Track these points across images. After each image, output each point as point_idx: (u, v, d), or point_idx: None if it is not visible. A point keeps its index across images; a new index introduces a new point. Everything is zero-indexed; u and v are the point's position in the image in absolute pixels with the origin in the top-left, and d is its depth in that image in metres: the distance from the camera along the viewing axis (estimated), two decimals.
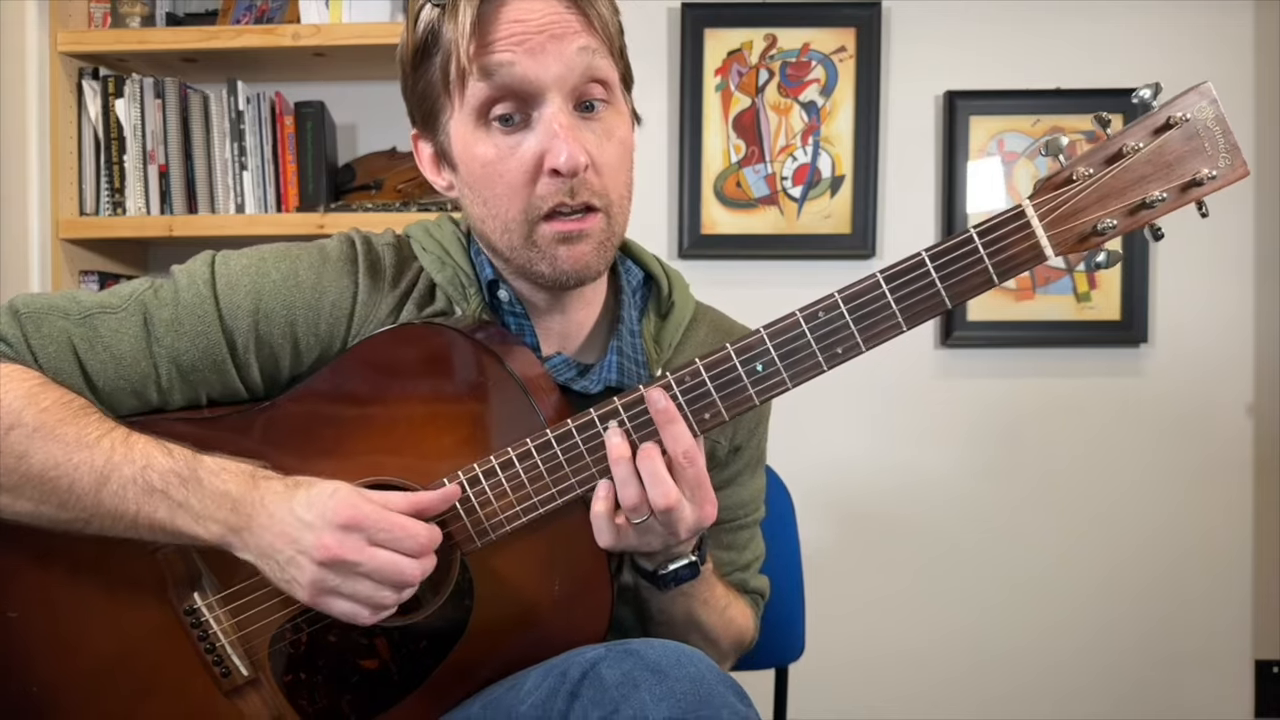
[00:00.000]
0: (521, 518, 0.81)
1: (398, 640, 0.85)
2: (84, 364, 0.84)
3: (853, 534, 2.16)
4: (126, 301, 0.86)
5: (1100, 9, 2.11)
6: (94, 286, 1.98)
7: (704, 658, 0.74)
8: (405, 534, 0.76)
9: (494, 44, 0.80)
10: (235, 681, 0.85)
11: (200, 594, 0.85)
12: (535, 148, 0.81)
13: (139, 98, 1.92)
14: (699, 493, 0.78)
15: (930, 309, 0.76)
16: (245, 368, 0.87)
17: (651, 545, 0.81)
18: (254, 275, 0.87)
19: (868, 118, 2.11)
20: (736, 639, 0.98)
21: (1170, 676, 2.16)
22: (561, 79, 0.81)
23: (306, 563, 0.76)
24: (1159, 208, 0.75)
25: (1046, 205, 0.75)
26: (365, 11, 1.90)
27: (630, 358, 0.92)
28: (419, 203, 1.94)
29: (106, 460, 0.79)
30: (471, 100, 0.82)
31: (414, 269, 0.92)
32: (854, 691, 2.16)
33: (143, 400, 0.87)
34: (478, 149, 0.83)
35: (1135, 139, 0.74)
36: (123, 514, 0.79)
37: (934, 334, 2.15)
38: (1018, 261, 0.75)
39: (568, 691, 0.72)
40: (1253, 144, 2.12)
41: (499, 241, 0.86)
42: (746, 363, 0.78)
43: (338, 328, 0.88)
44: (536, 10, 0.80)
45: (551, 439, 0.80)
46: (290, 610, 0.84)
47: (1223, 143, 0.74)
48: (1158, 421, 2.14)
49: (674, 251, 2.13)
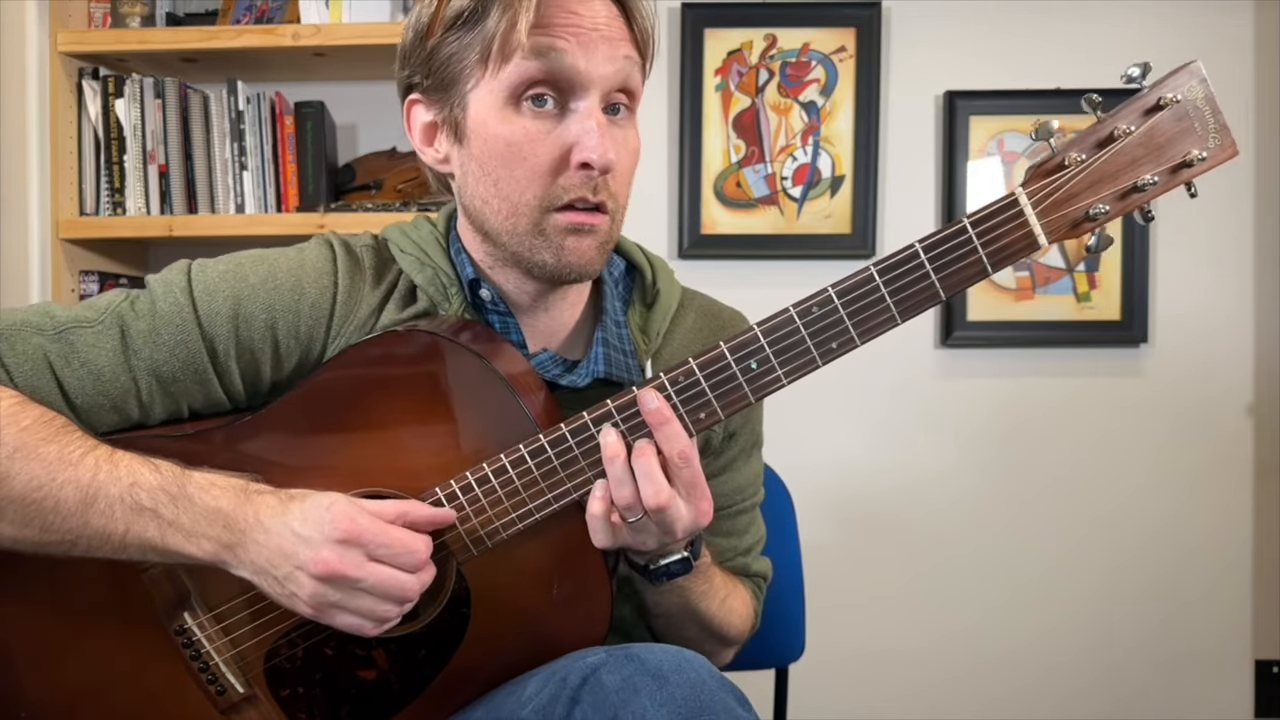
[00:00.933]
0: (517, 524, 0.80)
1: (396, 650, 0.83)
2: (61, 380, 0.82)
3: (852, 534, 2.16)
4: (102, 315, 0.84)
5: (1100, 9, 2.11)
6: (94, 287, 1.98)
7: (705, 663, 0.73)
8: (404, 549, 0.75)
9: (552, 27, 0.80)
10: (231, 699, 0.84)
11: (190, 613, 0.83)
12: (568, 138, 0.81)
13: (139, 98, 1.92)
14: (694, 492, 0.77)
15: (925, 301, 0.75)
16: (226, 374, 0.86)
17: (647, 545, 0.80)
18: (231, 280, 0.85)
19: (868, 118, 2.11)
20: (739, 627, 0.97)
21: (1170, 676, 2.16)
22: (606, 79, 0.82)
23: (305, 579, 0.74)
24: (1150, 191, 0.74)
25: (1040, 193, 0.74)
26: (365, 11, 1.90)
27: (617, 348, 0.91)
28: (419, 203, 1.94)
29: (92, 479, 0.76)
30: (512, 76, 0.81)
31: (394, 270, 0.91)
32: (854, 692, 2.16)
33: (123, 415, 0.85)
34: (503, 127, 0.82)
35: (1126, 121, 0.73)
36: (110, 534, 0.77)
37: (934, 334, 2.16)
38: (1011, 250, 0.75)
39: (568, 697, 0.72)
40: (1253, 144, 2.12)
41: (500, 225, 0.84)
42: (740, 360, 0.77)
43: (318, 329, 0.87)
44: (595, 9, 0.81)
45: (545, 443, 0.78)
46: (284, 625, 0.83)
47: (1212, 123, 0.73)
48: (1158, 421, 2.14)
49: (674, 251, 2.13)
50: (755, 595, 1.02)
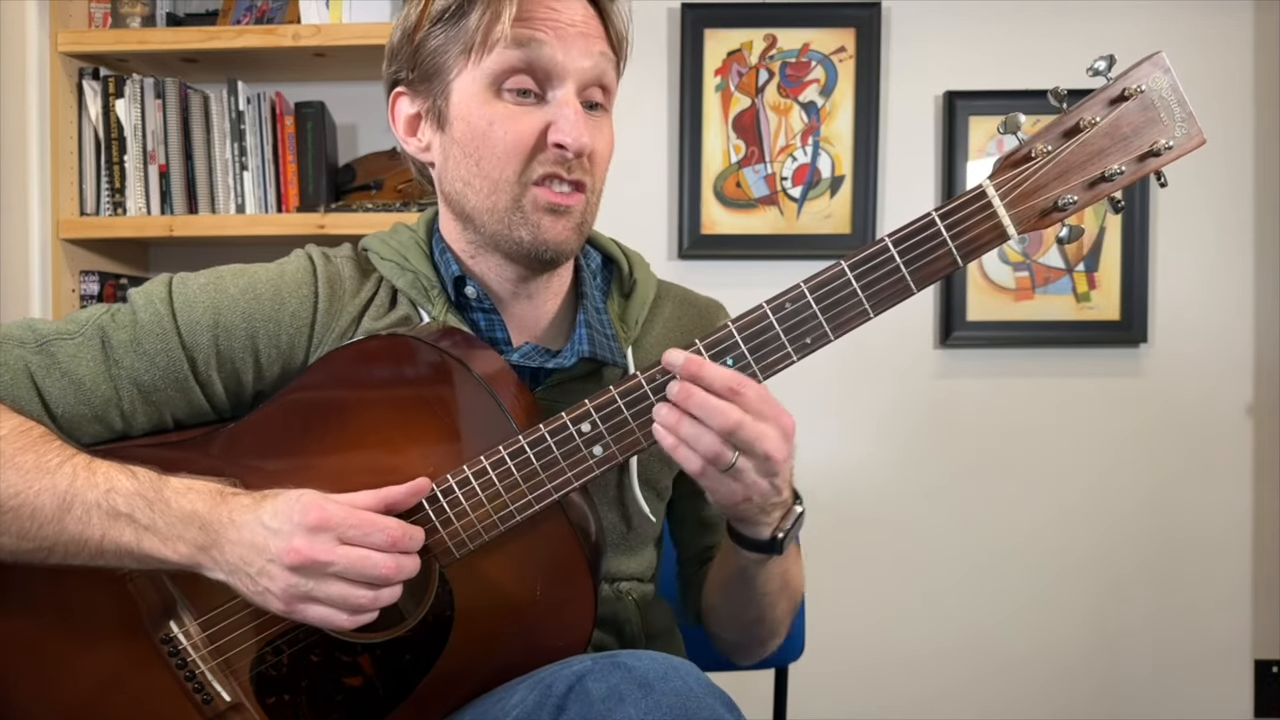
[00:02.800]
0: (499, 526, 0.80)
1: (381, 656, 0.83)
2: (42, 392, 0.83)
3: (852, 534, 2.15)
4: (84, 327, 0.85)
5: (1100, 9, 2.11)
6: (94, 287, 1.98)
7: (693, 669, 0.73)
8: (374, 528, 0.75)
9: (533, 21, 0.85)
10: (217, 708, 0.84)
11: (176, 622, 0.83)
12: (544, 119, 0.85)
13: (139, 98, 1.92)
14: (765, 408, 0.75)
15: (896, 294, 0.76)
16: (208, 385, 0.87)
17: (759, 486, 0.76)
18: (212, 292, 0.87)
19: (867, 118, 2.11)
20: (800, 588, 0.98)
21: (1170, 676, 2.16)
22: (582, 72, 0.86)
23: (277, 570, 0.75)
24: (1118, 180, 0.75)
25: (1007, 184, 0.75)
26: (365, 11, 1.90)
27: (599, 330, 0.92)
28: (419, 203, 1.94)
29: (69, 486, 0.77)
30: (494, 64, 0.85)
31: (373, 279, 0.93)
32: (854, 692, 2.16)
33: (106, 426, 0.86)
34: (485, 109, 0.86)
35: (1092, 113, 0.74)
36: (87, 540, 0.77)
37: (933, 334, 2.16)
38: (981, 242, 0.75)
39: (554, 705, 0.71)
40: (1252, 145, 2.12)
41: (481, 204, 0.87)
42: (716, 357, 0.77)
43: (299, 339, 0.88)
44: (573, 7, 0.86)
45: (524, 445, 0.79)
46: (269, 633, 0.83)
47: (1178, 112, 0.74)
48: (1158, 421, 2.14)
49: (674, 251, 2.13)
50: None
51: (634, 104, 2.00)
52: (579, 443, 0.78)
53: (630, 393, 0.78)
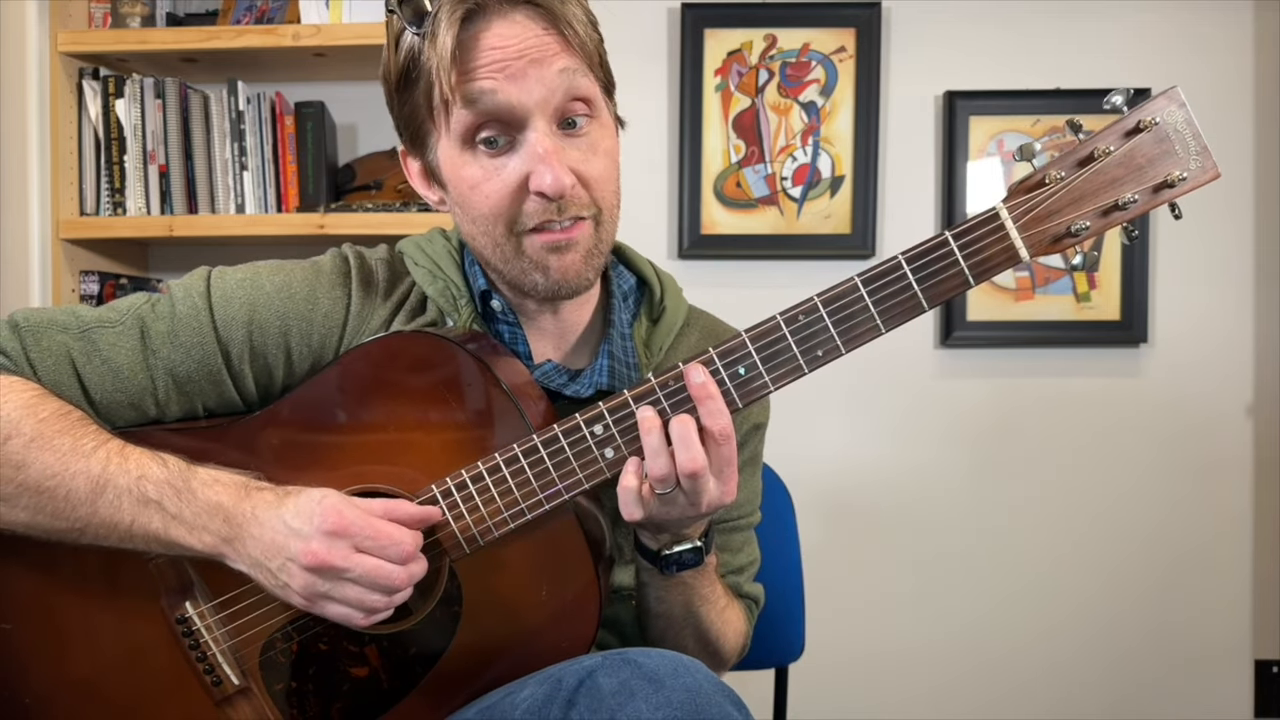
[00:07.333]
0: (509, 524, 0.81)
1: (388, 647, 0.85)
2: (82, 377, 0.86)
3: (852, 534, 2.16)
4: (124, 316, 0.88)
5: (1100, 9, 2.11)
6: (94, 287, 1.98)
7: (701, 667, 0.74)
8: (390, 541, 0.77)
9: (475, 71, 0.81)
10: (226, 691, 0.85)
11: (192, 603, 0.85)
12: (520, 169, 0.83)
13: (139, 98, 1.92)
14: (726, 470, 0.79)
15: (908, 311, 0.77)
16: (240, 378, 0.89)
17: (670, 515, 0.80)
18: (248, 288, 0.89)
19: (867, 118, 2.11)
20: (733, 642, 0.98)
21: (1170, 676, 2.16)
22: (544, 102, 0.82)
23: (296, 570, 0.77)
24: (1131, 209, 0.76)
25: (1020, 208, 0.76)
26: (365, 11, 1.90)
27: (621, 360, 0.93)
28: (419, 203, 1.94)
29: (102, 470, 0.80)
30: (456, 127, 0.83)
31: (406, 282, 0.94)
32: (853, 691, 2.16)
33: (140, 412, 0.88)
34: (464, 171, 0.85)
35: (1107, 142, 0.76)
36: (117, 524, 0.80)
37: (934, 334, 2.16)
38: (993, 263, 0.77)
39: (564, 699, 0.72)
40: (1252, 145, 2.12)
41: (492, 254, 0.88)
42: (729, 366, 0.78)
43: (330, 338, 0.90)
44: (515, 35, 0.81)
45: (538, 443, 0.80)
46: (281, 619, 0.85)
47: (1193, 145, 0.76)
48: (1157, 422, 2.14)
49: (674, 251, 2.14)
50: (747, 618, 1.03)
51: (634, 104, 2.00)
52: (591, 444, 0.80)
53: (643, 398, 0.79)
